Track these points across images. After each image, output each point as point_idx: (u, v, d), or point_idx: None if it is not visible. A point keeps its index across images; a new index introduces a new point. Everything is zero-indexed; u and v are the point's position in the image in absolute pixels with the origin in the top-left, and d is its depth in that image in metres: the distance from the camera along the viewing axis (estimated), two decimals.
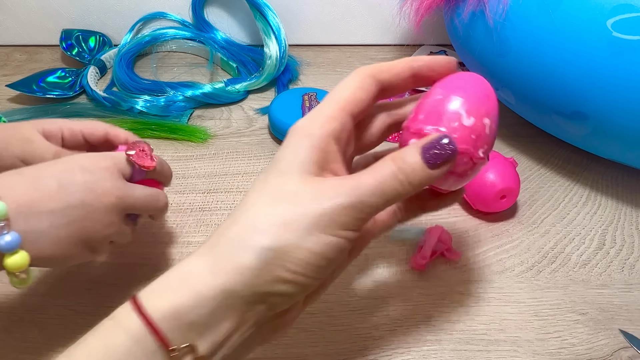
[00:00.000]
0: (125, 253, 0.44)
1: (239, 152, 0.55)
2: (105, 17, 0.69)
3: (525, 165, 0.54)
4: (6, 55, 0.70)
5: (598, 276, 0.43)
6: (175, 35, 0.67)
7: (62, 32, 0.67)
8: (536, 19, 0.44)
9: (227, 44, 0.68)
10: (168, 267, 0.26)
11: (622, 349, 0.38)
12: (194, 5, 0.68)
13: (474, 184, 0.46)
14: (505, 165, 0.46)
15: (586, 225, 0.48)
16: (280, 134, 0.55)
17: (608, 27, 0.40)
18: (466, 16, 0.50)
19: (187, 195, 0.50)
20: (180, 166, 0.53)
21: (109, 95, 0.60)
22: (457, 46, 0.55)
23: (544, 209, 0.49)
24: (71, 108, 0.59)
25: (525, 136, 0.57)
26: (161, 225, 0.46)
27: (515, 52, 0.46)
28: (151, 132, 0.56)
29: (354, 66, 0.68)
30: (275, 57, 0.62)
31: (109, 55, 0.67)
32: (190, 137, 0.56)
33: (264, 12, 0.63)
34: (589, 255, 0.45)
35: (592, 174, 0.53)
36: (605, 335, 0.39)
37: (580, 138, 0.49)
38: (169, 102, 0.59)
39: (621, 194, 0.51)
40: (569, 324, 0.40)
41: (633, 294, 0.42)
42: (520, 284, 0.42)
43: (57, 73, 0.63)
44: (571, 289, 0.42)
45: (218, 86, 0.61)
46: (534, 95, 0.48)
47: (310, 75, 0.67)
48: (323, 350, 0.38)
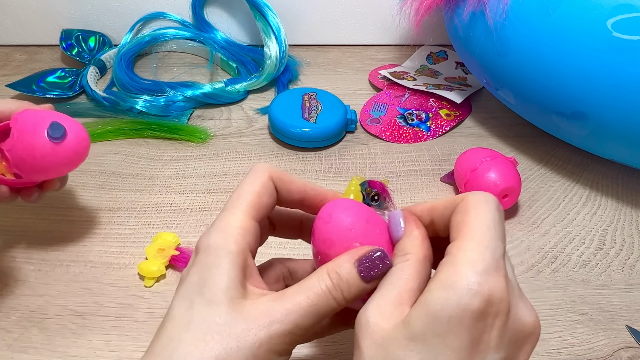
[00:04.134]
0: (124, 252, 0.44)
1: (239, 152, 0.55)
2: (105, 17, 0.69)
3: (526, 165, 0.54)
4: (6, 55, 0.70)
5: (598, 276, 0.43)
6: (175, 35, 0.67)
7: (62, 32, 0.67)
8: (536, 19, 0.44)
9: (227, 44, 0.68)
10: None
11: (622, 349, 0.38)
12: (194, 5, 0.68)
13: (475, 185, 0.46)
14: (506, 164, 0.46)
15: (586, 226, 0.48)
16: (280, 134, 0.55)
17: (608, 27, 0.40)
18: (466, 16, 0.50)
19: (187, 195, 0.50)
20: (180, 166, 0.53)
21: (109, 95, 0.60)
22: (457, 46, 0.55)
23: (544, 209, 0.49)
24: (71, 108, 0.59)
25: (525, 136, 0.57)
26: (160, 225, 0.47)
27: (515, 52, 0.46)
28: (151, 132, 0.56)
29: (354, 66, 0.68)
30: (275, 57, 0.62)
31: (109, 55, 0.67)
32: (190, 137, 0.56)
33: (264, 12, 0.63)
34: (589, 255, 0.45)
35: (592, 174, 0.53)
36: (605, 336, 0.39)
37: (580, 138, 0.49)
38: (169, 102, 0.59)
39: (621, 194, 0.51)
40: (569, 324, 0.40)
41: (633, 294, 0.42)
42: (521, 284, 0.42)
43: (57, 73, 0.63)
44: (571, 289, 0.42)
45: (218, 86, 0.61)
46: (534, 95, 0.48)
47: (310, 75, 0.67)
48: (323, 350, 0.38)
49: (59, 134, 0.37)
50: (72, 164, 0.39)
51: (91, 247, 0.45)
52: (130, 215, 0.47)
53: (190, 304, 0.24)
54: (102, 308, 0.40)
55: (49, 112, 0.38)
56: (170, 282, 0.42)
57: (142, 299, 0.41)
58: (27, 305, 0.40)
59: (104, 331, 0.38)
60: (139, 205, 0.49)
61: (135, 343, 0.38)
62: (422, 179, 0.52)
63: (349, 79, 0.66)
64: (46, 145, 0.36)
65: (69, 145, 0.37)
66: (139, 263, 0.42)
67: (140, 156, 0.54)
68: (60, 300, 0.40)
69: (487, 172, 0.45)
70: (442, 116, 0.59)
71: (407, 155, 0.55)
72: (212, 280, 0.25)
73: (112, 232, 0.46)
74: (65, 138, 0.37)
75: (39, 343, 0.38)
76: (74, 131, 0.38)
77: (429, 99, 0.61)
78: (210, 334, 0.23)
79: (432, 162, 0.54)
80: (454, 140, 0.57)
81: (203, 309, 0.24)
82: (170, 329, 0.24)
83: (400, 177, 0.52)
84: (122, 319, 0.39)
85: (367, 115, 0.59)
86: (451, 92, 0.60)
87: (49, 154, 0.37)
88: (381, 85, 0.64)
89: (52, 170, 0.38)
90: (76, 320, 0.39)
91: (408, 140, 0.57)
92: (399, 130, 0.57)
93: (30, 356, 0.37)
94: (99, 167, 0.52)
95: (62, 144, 0.37)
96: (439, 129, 0.58)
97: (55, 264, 0.43)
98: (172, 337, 0.24)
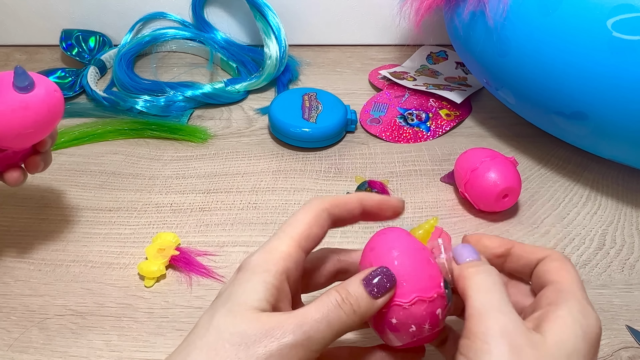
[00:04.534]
0: (124, 252, 0.44)
1: (239, 152, 0.55)
2: (105, 17, 0.69)
3: (526, 165, 0.54)
4: (6, 55, 0.70)
5: (598, 276, 0.43)
6: (175, 35, 0.67)
7: (62, 32, 0.67)
8: (536, 19, 0.44)
9: (227, 44, 0.68)
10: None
11: (622, 349, 0.38)
12: (194, 5, 0.68)
13: (476, 185, 0.46)
14: (506, 164, 0.46)
15: (586, 226, 0.48)
16: (280, 134, 0.55)
17: (608, 27, 0.40)
18: (466, 16, 0.50)
19: (187, 195, 0.50)
20: (180, 166, 0.53)
21: (109, 95, 0.60)
22: (457, 46, 0.55)
23: (544, 209, 0.49)
24: (71, 108, 0.59)
25: (525, 136, 0.57)
26: (160, 225, 0.47)
27: (515, 52, 0.46)
28: (151, 132, 0.56)
29: (354, 66, 0.68)
30: (275, 57, 0.62)
31: (109, 55, 0.67)
32: (190, 137, 0.56)
33: (264, 12, 0.63)
34: (589, 255, 0.45)
35: (592, 174, 0.53)
36: (606, 336, 0.39)
37: (580, 138, 0.49)
38: (169, 102, 0.59)
39: (621, 194, 0.51)
40: None
41: (633, 294, 0.42)
42: None
43: (57, 73, 0.63)
44: None
45: (218, 86, 0.61)
46: (534, 95, 0.48)
47: (310, 75, 0.67)
48: None
49: (25, 83, 0.35)
50: (49, 118, 0.37)
51: (91, 247, 0.45)
52: (130, 215, 0.47)
53: (214, 313, 0.25)
54: (102, 308, 0.40)
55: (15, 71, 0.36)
56: (170, 282, 0.42)
57: (142, 299, 0.41)
58: (27, 305, 0.40)
59: (104, 331, 0.38)
60: (139, 205, 0.49)
61: (136, 343, 0.38)
62: (422, 179, 0.52)
63: (349, 79, 0.66)
64: (15, 97, 0.35)
65: (39, 96, 0.35)
66: (139, 263, 0.42)
67: (140, 156, 0.54)
68: (61, 300, 0.40)
69: (487, 172, 0.45)
70: (442, 116, 0.59)
71: (407, 155, 0.55)
72: (238, 293, 0.26)
73: (112, 232, 0.46)
74: (33, 88, 0.35)
75: (39, 343, 0.38)
76: (42, 83, 0.36)
77: (429, 99, 0.61)
78: (221, 342, 0.24)
79: (432, 162, 0.54)
80: (454, 140, 0.57)
81: (221, 318, 0.25)
82: (191, 335, 0.25)
83: (400, 177, 0.52)
84: (122, 319, 0.39)
85: (367, 115, 0.59)
86: (451, 92, 0.60)
87: (20, 108, 0.35)
88: (381, 85, 0.64)
89: (29, 127, 0.36)
90: (76, 320, 0.39)
91: (408, 140, 0.57)
92: (399, 130, 0.57)
93: (30, 356, 0.37)
94: (99, 167, 0.52)
95: (31, 94, 0.35)
96: (439, 129, 0.58)
97: (55, 264, 0.43)
98: (189, 342, 0.25)
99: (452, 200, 0.50)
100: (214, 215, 0.48)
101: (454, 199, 0.50)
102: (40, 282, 0.42)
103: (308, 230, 0.28)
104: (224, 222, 0.47)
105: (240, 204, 0.49)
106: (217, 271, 0.43)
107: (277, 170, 0.53)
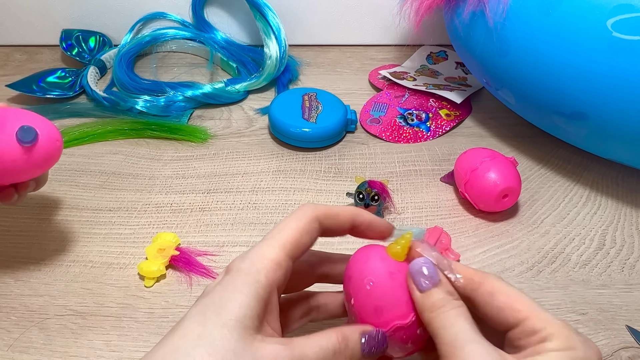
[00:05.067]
0: (124, 252, 0.44)
1: (239, 152, 0.55)
2: (105, 17, 0.69)
3: (526, 165, 0.54)
4: (6, 55, 0.70)
5: (598, 276, 0.43)
6: (175, 35, 0.67)
7: (62, 32, 0.67)
8: (536, 19, 0.44)
9: (227, 44, 0.68)
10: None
11: (623, 349, 0.38)
12: (194, 5, 0.68)
13: (476, 185, 0.46)
14: (506, 164, 0.46)
15: (586, 226, 0.48)
16: (280, 134, 0.55)
17: (608, 27, 0.40)
18: (466, 16, 0.50)
19: (187, 195, 0.50)
20: (180, 166, 0.53)
21: (109, 96, 0.60)
22: (457, 46, 0.55)
23: (544, 209, 0.49)
24: (71, 108, 0.59)
25: (525, 136, 0.57)
26: (160, 225, 0.47)
27: (515, 52, 0.46)
28: (151, 132, 0.56)
29: (354, 66, 0.68)
30: (275, 57, 0.62)
31: (109, 55, 0.67)
32: (190, 137, 0.56)
33: (264, 12, 0.63)
34: (589, 255, 0.45)
35: (592, 174, 0.53)
36: (606, 336, 0.39)
37: (580, 138, 0.49)
38: (169, 102, 0.59)
39: (621, 194, 0.51)
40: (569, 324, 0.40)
41: (633, 294, 0.42)
42: (521, 284, 0.42)
43: (57, 73, 0.63)
44: (571, 289, 0.42)
45: (218, 86, 0.61)
46: (534, 95, 0.48)
47: (310, 75, 0.67)
48: None
49: (30, 138, 0.34)
50: (45, 166, 0.37)
51: (91, 247, 0.45)
52: (130, 215, 0.47)
53: (205, 319, 0.25)
54: (102, 308, 0.40)
55: (17, 112, 0.36)
56: (170, 282, 0.42)
57: (142, 299, 0.41)
58: (27, 305, 0.40)
59: (104, 331, 0.38)
60: (139, 205, 0.49)
61: (136, 343, 0.38)
62: (422, 179, 0.52)
63: (349, 79, 0.66)
64: (16, 149, 0.34)
65: (41, 148, 0.35)
66: (139, 263, 0.42)
67: (140, 156, 0.54)
68: (61, 300, 0.40)
69: (487, 172, 0.45)
70: (442, 116, 0.59)
71: (407, 155, 0.55)
72: (232, 305, 0.25)
73: (112, 232, 0.46)
74: (36, 141, 0.35)
75: (39, 343, 0.38)
76: (45, 133, 0.36)
77: (429, 99, 0.61)
78: (214, 356, 0.23)
79: (432, 162, 0.54)
80: (454, 140, 0.57)
81: (215, 329, 0.24)
82: (178, 339, 0.24)
83: (400, 177, 0.52)
84: (122, 319, 0.39)
85: (367, 115, 0.59)
86: (451, 92, 0.60)
87: (20, 159, 0.35)
88: (381, 85, 0.64)
89: (23, 173, 0.36)
90: (76, 320, 0.39)
91: (408, 140, 0.57)
92: (399, 130, 0.57)
93: (30, 356, 0.37)
94: (99, 167, 0.52)
95: (33, 147, 0.35)
96: (439, 129, 0.58)
97: (55, 264, 0.43)
98: (178, 347, 0.24)
99: (452, 200, 0.50)
100: (214, 215, 0.48)
101: (454, 199, 0.50)
102: (40, 282, 0.42)
103: (298, 238, 0.28)
104: (224, 222, 0.47)
105: (240, 204, 0.49)
106: (217, 271, 0.43)
107: (277, 170, 0.53)
